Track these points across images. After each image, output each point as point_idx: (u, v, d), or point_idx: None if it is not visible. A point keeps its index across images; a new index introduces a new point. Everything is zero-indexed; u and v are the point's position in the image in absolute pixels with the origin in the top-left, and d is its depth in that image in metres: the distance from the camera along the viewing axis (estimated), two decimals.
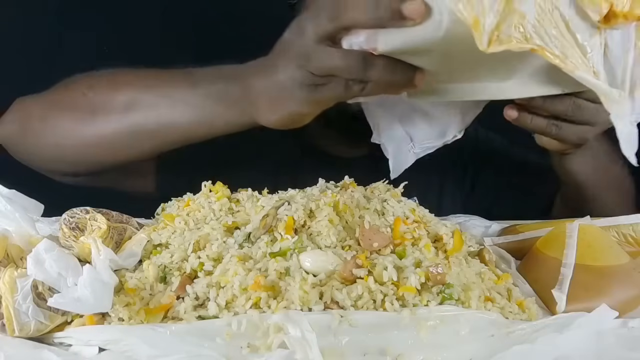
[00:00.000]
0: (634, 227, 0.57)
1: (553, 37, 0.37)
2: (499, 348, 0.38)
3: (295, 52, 0.45)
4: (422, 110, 0.58)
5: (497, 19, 0.36)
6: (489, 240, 0.61)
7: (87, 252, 0.44)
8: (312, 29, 0.43)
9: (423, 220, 0.50)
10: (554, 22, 0.38)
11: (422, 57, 0.42)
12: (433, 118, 0.58)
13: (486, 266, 0.50)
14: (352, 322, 0.38)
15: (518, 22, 0.36)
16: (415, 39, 0.39)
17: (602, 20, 0.38)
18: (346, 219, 0.48)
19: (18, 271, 0.40)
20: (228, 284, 0.40)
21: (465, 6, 0.35)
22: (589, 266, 0.47)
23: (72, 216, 0.45)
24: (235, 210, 0.52)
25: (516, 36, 0.36)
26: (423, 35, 0.38)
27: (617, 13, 0.37)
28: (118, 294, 0.41)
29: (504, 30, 0.36)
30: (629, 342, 0.40)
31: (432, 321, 0.38)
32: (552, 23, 0.37)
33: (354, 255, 0.43)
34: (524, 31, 0.37)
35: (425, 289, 0.41)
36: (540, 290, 0.48)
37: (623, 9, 0.37)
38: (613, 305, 0.42)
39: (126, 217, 0.49)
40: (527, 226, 0.62)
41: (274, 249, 0.44)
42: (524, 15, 0.36)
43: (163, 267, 0.44)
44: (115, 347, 0.37)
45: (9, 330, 0.38)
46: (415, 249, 0.46)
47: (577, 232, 0.50)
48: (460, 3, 0.35)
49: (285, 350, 0.35)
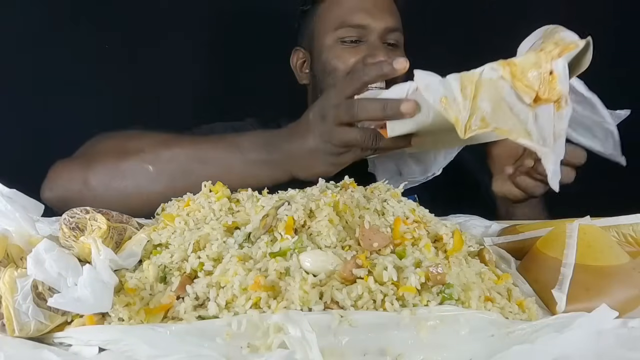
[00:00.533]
0: (634, 227, 0.57)
1: (503, 118, 0.56)
2: (499, 348, 0.38)
3: (320, 130, 0.63)
4: (412, 153, 0.76)
5: (468, 114, 0.55)
6: (489, 240, 0.61)
7: (87, 252, 0.44)
8: (333, 115, 0.61)
9: (423, 220, 0.50)
10: (502, 108, 0.56)
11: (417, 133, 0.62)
12: (419, 159, 0.76)
13: (486, 266, 0.50)
14: (352, 322, 0.38)
15: (480, 114, 0.55)
16: (412, 125, 0.59)
17: (532, 102, 0.56)
18: (346, 219, 0.48)
19: (18, 271, 0.40)
20: (228, 284, 0.40)
21: (447, 109, 0.55)
22: (589, 266, 0.47)
23: (72, 216, 0.45)
24: (235, 210, 0.52)
25: (478, 124, 0.55)
26: (417, 123, 0.59)
27: (541, 97, 0.56)
28: (118, 294, 0.41)
29: (473, 121, 0.55)
30: (629, 342, 0.40)
31: (432, 321, 0.38)
32: (501, 109, 0.56)
33: (354, 255, 0.43)
34: (485, 119, 0.55)
35: (425, 289, 0.41)
36: (540, 290, 0.48)
37: (544, 95, 0.56)
38: (613, 305, 0.42)
39: (126, 217, 0.49)
40: (527, 226, 0.62)
41: (274, 249, 0.44)
42: (484, 109, 0.55)
43: (163, 267, 0.44)
44: (115, 347, 0.37)
45: (9, 330, 0.38)
46: (415, 249, 0.46)
47: (577, 232, 0.50)
48: (444, 106, 0.55)
49: (285, 350, 0.35)
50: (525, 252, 0.55)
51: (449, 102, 0.56)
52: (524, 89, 0.58)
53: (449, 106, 0.56)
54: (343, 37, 0.98)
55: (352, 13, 0.99)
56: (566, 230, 0.51)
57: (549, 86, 0.58)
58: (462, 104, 0.56)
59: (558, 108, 0.60)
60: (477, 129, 0.55)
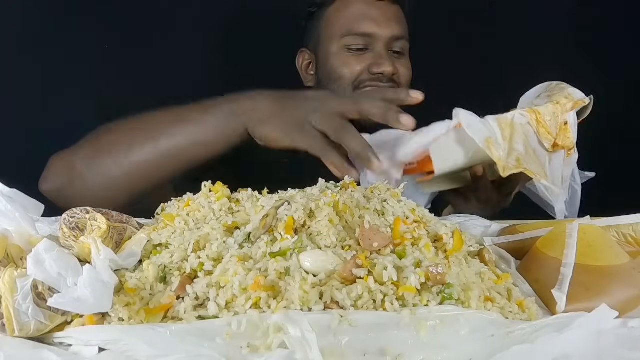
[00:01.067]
0: (634, 227, 0.57)
1: (531, 161, 0.65)
2: (499, 348, 0.38)
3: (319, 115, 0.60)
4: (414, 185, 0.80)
5: (506, 155, 0.63)
6: (489, 240, 0.61)
7: (87, 252, 0.44)
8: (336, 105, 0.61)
9: (423, 220, 0.50)
10: (529, 151, 0.65)
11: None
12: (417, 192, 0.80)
13: (486, 266, 0.50)
14: (352, 322, 0.38)
15: (515, 155, 0.63)
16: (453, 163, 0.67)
17: (550, 147, 0.67)
18: (346, 219, 0.48)
19: (18, 271, 0.40)
20: (228, 284, 0.40)
21: (491, 149, 0.62)
22: (589, 266, 0.47)
23: (72, 216, 0.45)
24: (235, 210, 0.52)
25: (514, 164, 0.63)
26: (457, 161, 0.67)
27: (558, 144, 0.67)
28: (118, 294, 0.41)
29: (510, 161, 0.63)
30: (629, 342, 0.40)
31: (432, 321, 0.38)
32: (529, 152, 0.65)
33: (354, 255, 0.43)
34: (520, 160, 0.63)
35: (425, 289, 0.41)
36: (540, 290, 0.48)
37: (560, 142, 0.67)
38: (613, 305, 0.42)
39: (126, 217, 0.49)
40: (527, 226, 0.62)
41: (274, 249, 0.44)
42: (519, 151, 0.64)
43: (163, 267, 0.44)
44: (115, 347, 0.37)
45: (9, 330, 0.38)
46: (415, 249, 0.46)
47: (577, 232, 0.50)
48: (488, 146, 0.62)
49: (285, 350, 0.35)
50: (525, 252, 0.55)
51: (492, 143, 0.63)
52: (546, 135, 0.67)
53: (493, 146, 0.62)
54: (349, 45, 0.98)
55: (358, 21, 0.99)
56: (566, 230, 0.51)
57: (564, 135, 0.68)
58: (502, 145, 0.63)
59: (568, 155, 0.70)
60: (513, 168, 0.63)
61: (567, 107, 0.68)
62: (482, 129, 0.63)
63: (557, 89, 0.72)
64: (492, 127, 0.64)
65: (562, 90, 0.71)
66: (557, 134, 0.67)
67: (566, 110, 0.68)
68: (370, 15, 0.99)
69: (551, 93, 0.72)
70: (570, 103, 0.68)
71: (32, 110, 1.17)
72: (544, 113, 0.67)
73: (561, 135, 0.68)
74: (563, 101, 0.68)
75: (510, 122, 0.65)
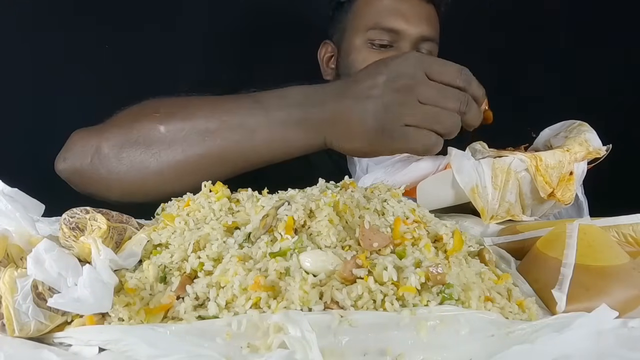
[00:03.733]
0: (634, 227, 0.57)
1: (519, 209, 0.64)
2: (499, 348, 0.38)
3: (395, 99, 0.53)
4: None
5: (497, 205, 0.61)
6: (489, 240, 0.61)
7: (87, 252, 0.44)
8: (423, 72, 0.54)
9: (423, 220, 0.50)
10: (520, 200, 0.63)
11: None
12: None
13: (486, 266, 0.50)
14: (352, 322, 0.38)
15: (506, 206, 0.62)
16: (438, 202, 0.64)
17: (546, 197, 0.63)
18: (346, 219, 0.48)
19: (18, 271, 0.40)
20: (228, 284, 0.40)
21: (476, 198, 0.61)
22: (589, 266, 0.47)
23: (72, 216, 0.45)
24: (235, 210, 0.52)
25: (504, 215, 0.63)
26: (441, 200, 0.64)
27: (555, 195, 0.63)
28: (118, 294, 0.41)
29: (499, 212, 0.62)
30: (629, 342, 0.40)
31: (432, 321, 0.38)
32: (519, 201, 0.63)
33: (354, 255, 0.43)
34: (509, 210, 0.63)
35: (425, 289, 0.41)
36: (540, 290, 0.48)
37: (558, 194, 0.63)
38: (613, 305, 0.42)
39: (126, 217, 0.49)
40: (527, 226, 0.62)
41: (274, 249, 0.44)
42: (509, 201, 0.62)
43: (163, 267, 0.44)
44: (115, 347, 0.37)
45: (9, 330, 0.38)
46: (415, 249, 0.46)
47: (577, 232, 0.50)
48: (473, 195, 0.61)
49: (285, 350, 0.35)
50: (525, 252, 0.55)
51: (479, 191, 0.60)
52: (543, 185, 0.62)
53: (478, 196, 0.60)
54: (373, 40, 0.93)
55: (387, 15, 0.93)
56: (566, 230, 0.51)
57: (565, 187, 0.62)
58: (492, 194, 0.60)
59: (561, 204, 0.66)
60: (500, 219, 0.62)
61: (577, 157, 0.62)
62: (471, 175, 0.60)
63: (575, 131, 0.66)
64: (484, 173, 0.60)
65: (579, 134, 0.65)
66: (557, 185, 0.62)
67: (576, 159, 0.62)
68: (400, 10, 0.93)
69: (569, 134, 0.66)
70: (583, 152, 0.62)
71: (32, 109, 1.17)
72: (546, 160, 0.61)
73: (562, 187, 0.62)
74: (575, 148, 0.62)
75: (506, 169, 0.61)
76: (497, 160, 0.61)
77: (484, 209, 0.60)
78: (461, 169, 0.60)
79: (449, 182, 0.62)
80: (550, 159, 0.61)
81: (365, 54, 0.93)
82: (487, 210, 0.60)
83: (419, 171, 0.63)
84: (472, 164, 0.61)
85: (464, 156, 0.62)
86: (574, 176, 0.62)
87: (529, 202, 0.64)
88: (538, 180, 0.61)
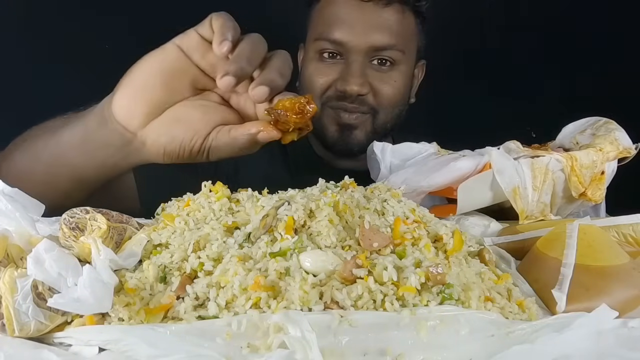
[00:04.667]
0: (634, 227, 0.57)
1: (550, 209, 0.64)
2: (499, 348, 0.38)
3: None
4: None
5: (534, 208, 0.62)
6: (489, 240, 0.61)
7: (87, 252, 0.44)
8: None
9: (423, 220, 0.50)
10: (553, 199, 0.64)
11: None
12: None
13: (486, 266, 0.50)
14: (352, 322, 0.38)
15: (542, 207, 0.62)
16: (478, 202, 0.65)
17: (577, 196, 0.64)
18: (346, 219, 0.48)
19: (18, 271, 0.40)
20: (228, 284, 0.40)
21: (516, 199, 0.61)
22: (589, 266, 0.47)
23: (72, 216, 0.45)
24: (235, 210, 0.52)
25: (538, 216, 0.62)
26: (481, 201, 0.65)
27: (586, 195, 0.64)
28: (118, 294, 0.41)
29: (535, 213, 0.62)
30: (629, 342, 0.40)
31: (432, 321, 0.38)
32: (553, 201, 0.63)
33: (354, 255, 0.43)
34: (544, 212, 0.63)
35: (425, 289, 0.41)
36: (540, 290, 0.48)
37: (589, 193, 0.63)
38: (613, 305, 0.42)
39: (126, 217, 0.49)
40: (527, 226, 0.62)
41: (274, 249, 0.44)
42: (545, 202, 0.62)
43: (163, 267, 0.44)
44: (115, 347, 0.37)
45: (9, 330, 0.38)
46: (415, 249, 0.46)
47: (577, 232, 0.50)
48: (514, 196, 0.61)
49: (285, 350, 0.35)
50: (525, 252, 0.55)
51: (520, 192, 0.61)
52: (577, 184, 0.63)
53: (519, 197, 0.61)
54: (321, 50, 0.87)
55: (332, 25, 0.85)
56: (566, 230, 0.51)
57: (596, 186, 0.64)
58: (531, 195, 0.61)
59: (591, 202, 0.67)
60: (534, 219, 0.62)
61: (609, 156, 0.63)
62: (512, 176, 0.60)
63: (603, 128, 0.67)
64: (524, 174, 0.61)
65: (608, 132, 0.65)
66: (588, 184, 0.63)
67: (607, 159, 0.63)
68: (346, 20, 0.85)
69: (596, 132, 0.67)
70: (614, 152, 0.63)
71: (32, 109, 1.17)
72: (581, 160, 0.62)
73: (593, 186, 0.63)
74: (607, 148, 0.63)
75: (544, 169, 0.61)
76: (536, 160, 0.62)
77: (523, 210, 0.61)
78: (502, 170, 0.61)
79: (489, 182, 0.62)
80: (585, 159, 0.62)
81: (315, 65, 0.88)
82: (526, 212, 0.61)
83: (458, 171, 0.63)
84: (512, 164, 0.61)
85: (504, 156, 0.62)
86: (605, 175, 0.63)
87: (558, 202, 0.64)
88: (572, 180, 0.62)
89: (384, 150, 0.72)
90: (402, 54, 0.88)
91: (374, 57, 0.86)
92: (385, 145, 0.73)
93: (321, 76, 0.87)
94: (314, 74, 0.88)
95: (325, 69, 0.87)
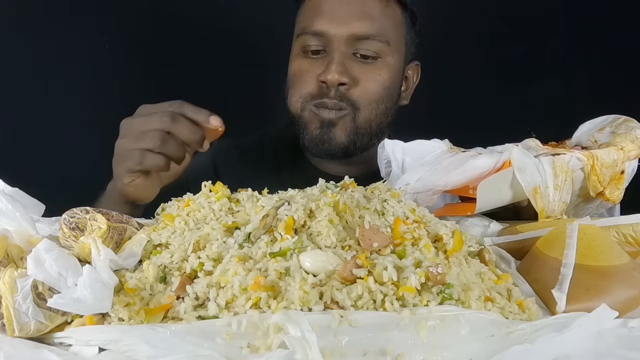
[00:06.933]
0: (634, 227, 0.57)
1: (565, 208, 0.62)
2: (499, 348, 0.38)
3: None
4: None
5: (555, 207, 0.60)
6: (489, 240, 0.61)
7: (87, 252, 0.44)
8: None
9: (423, 220, 0.50)
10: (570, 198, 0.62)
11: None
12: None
13: (486, 266, 0.50)
14: (352, 322, 0.38)
15: (562, 206, 0.61)
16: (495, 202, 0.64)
17: (594, 195, 0.63)
18: (346, 219, 0.48)
19: (18, 271, 0.40)
20: (228, 284, 0.40)
21: (537, 199, 0.60)
22: (589, 266, 0.47)
23: (72, 216, 0.45)
24: (235, 210, 0.52)
25: (557, 215, 0.61)
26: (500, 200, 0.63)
27: (604, 194, 0.63)
28: (118, 294, 0.41)
29: (555, 211, 0.61)
30: (629, 342, 0.40)
31: (432, 321, 0.38)
32: (571, 199, 0.62)
33: (354, 255, 0.43)
34: (563, 210, 0.61)
35: (425, 289, 0.41)
36: (540, 290, 0.48)
37: (607, 192, 0.63)
38: (613, 305, 0.42)
39: (126, 217, 0.49)
40: (527, 226, 0.62)
41: (274, 249, 0.44)
42: (565, 201, 0.61)
43: (163, 267, 0.44)
44: (115, 347, 0.37)
45: (9, 330, 0.38)
46: (415, 249, 0.46)
47: (577, 232, 0.50)
48: (534, 195, 0.60)
49: (285, 350, 0.35)
50: (525, 252, 0.55)
51: (541, 192, 0.60)
52: (596, 183, 0.62)
53: (540, 196, 0.59)
54: (304, 46, 0.85)
55: (312, 17, 0.84)
56: (566, 230, 0.51)
57: (615, 186, 0.63)
58: (553, 194, 0.60)
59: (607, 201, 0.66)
60: (553, 218, 0.61)
61: (630, 155, 0.62)
62: (533, 174, 0.59)
63: (623, 126, 0.65)
64: (545, 173, 0.59)
65: (629, 130, 0.64)
66: (607, 184, 0.62)
67: (628, 158, 0.62)
68: (326, 10, 0.83)
69: (616, 130, 0.65)
70: (636, 151, 0.62)
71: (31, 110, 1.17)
72: (602, 159, 0.61)
73: (612, 185, 0.62)
74: (628, 147, 0.62)
75: (565, 168, 0.60)
76: (557, 158, 0.60)
77: (543, 210, 0.59)
78: (524, 168, 0.59)
79: (509, 181, 0.60)
80: (606, 158, 0.61)
81: (299, 62, 0.87)
82: (546, 211, 0.60)
83: (476, 169, 0.60)
84: (534, 162, 0.60)
85: (525, 154, 0.60)
86: (624, 175, 0.62)
87: (574, 200, 0.62)
88: (592, 179, 0.61)
89: (395, 148, 0.70)
90: (386, 45, 0.86)
91: (357, 48, 0.85)
92: (396, 143, 0.70)
93: (304, 72, 0.86)
94: (297, 70, 0.87)
95: (309, 63, 0.86)
